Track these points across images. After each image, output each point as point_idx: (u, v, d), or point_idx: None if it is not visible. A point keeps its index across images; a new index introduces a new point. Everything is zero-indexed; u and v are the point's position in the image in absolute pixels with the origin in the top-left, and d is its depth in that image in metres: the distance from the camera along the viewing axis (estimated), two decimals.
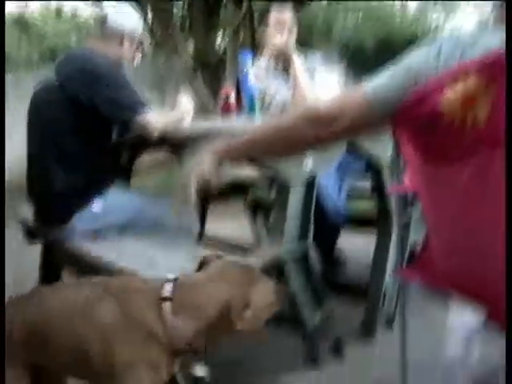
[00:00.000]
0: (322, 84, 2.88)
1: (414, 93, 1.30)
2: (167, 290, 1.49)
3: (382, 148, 2.34)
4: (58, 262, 3.09)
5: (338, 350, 2.31)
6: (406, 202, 2.39)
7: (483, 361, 1.45)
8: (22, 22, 13.84)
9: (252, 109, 2.60)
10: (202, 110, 2.97)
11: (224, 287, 1.48)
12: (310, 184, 2.19)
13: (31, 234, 3.06)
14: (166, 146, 2.74)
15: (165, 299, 1.47)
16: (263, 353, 2.46)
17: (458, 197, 1.34)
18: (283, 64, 3.14)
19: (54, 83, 2.47)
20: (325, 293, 2.25)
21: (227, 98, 2.81)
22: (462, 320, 1.44)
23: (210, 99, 8.43)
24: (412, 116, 1.32)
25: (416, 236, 2.44)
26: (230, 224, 4.61)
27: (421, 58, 1.34)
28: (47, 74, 2.55)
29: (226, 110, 2.83)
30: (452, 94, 1.23)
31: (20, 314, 1.59)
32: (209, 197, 3.64)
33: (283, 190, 2.16)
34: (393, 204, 2.43)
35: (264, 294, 1.53)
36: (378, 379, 2.10)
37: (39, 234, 2.86)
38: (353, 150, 2.36)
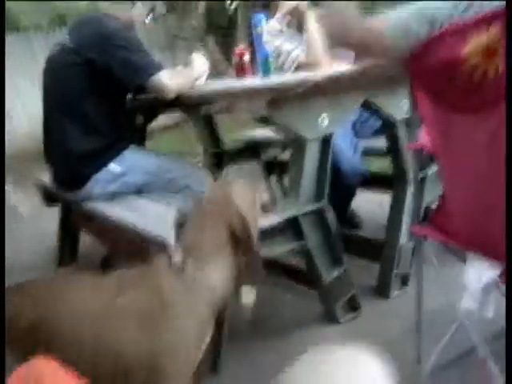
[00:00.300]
0: None
1: (431, 38, 1.29)
2: (177, 256, 1.47)
3: (397, 105, 2.32)
4: (76, 224, 3.13)
5: (353, 306, 2.34)
6: (422, 159, 2.39)
7: (499, 314, 1.47)
8: None
9: (266, 68, 2.58)
10: (214, 71, 2.96)
11: (217, 217, 1.49)
12: (326, 142, 2.19)
13: (49, 198, 3.10)
14: (180, 107, 2.74)
15: (182, 264, 1.45)
16: (280, 309, 2.50)
17: (478, 151, 1.34)
18: (297, 22, 3.10)
19: (68, 46, 2.48)
20: (341, 250, 2.27)
21: (241, 58, 2.79)
22: (479, 274, 1.46)
23: (223, 60, 8.37)
24: (430, 62, 1.31)
25: (431, 194, 2.44)
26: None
27: (439, 4, 1.32)
28: (60, 37, 2.56)
29: (241, 70, 2.81)
30: (474, 45, 1.21)
31: (29, 304, 1.49)
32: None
33: (299, 148, 2.16)
34: (408, 162, 2.42)
35: (246, 197, 1.56)
36: (394, 334, 2.13)
37: (57, 196, 2.89)
38: (368, 107, 2.35)
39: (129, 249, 2.28)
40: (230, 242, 1.48)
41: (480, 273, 1.47)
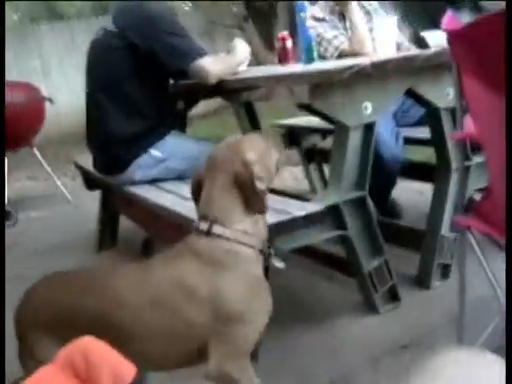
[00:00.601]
0: (380, 28, 2.80)
1: (471, 24, 1.25)
2: (202, 225, 1.48)
3: (441, 93, 2.28)
4: (116, 208, 3.17)
5: (393, 296, 2.32)
6: (466, 149, 2.34)
7: None
8: None
9: (310, 55, 2.55)
10: (254, 60, 2.94)
11: (225, 169, 1.50)
12: (369, 130, 2.16)
13: (90, 181, 3.14)
14: (221, 93, 2.74)
15: (209, 231, 1.47)
16: (317, 297, 2.49)
17: None
18: (340, 9, 3.07)
19: (112, 31, 2.49)
20: (381, 239, 2.24)
21: (284, 43, 2.78)
22: None
23: (263, 48, 8.35)
24: (474, 44, 1.27)
25: (475, 184, 2.39)
26: (284, 172, 4.62)
27: None
28: (103, 23, 2.58)
29: (284, 56, 2.80)
30: None
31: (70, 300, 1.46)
32: None
33: (341, 136, 2.14)
34: (451, 152, 2.38)
35: (257, 147, 1.55)
36: (435, 324, 2.11)
37: (98, 180, 2.93)
38: (412, 95, 2.31)
39: (169, 234, 2.29)
40: (240, 192, 1.48)
41: None
